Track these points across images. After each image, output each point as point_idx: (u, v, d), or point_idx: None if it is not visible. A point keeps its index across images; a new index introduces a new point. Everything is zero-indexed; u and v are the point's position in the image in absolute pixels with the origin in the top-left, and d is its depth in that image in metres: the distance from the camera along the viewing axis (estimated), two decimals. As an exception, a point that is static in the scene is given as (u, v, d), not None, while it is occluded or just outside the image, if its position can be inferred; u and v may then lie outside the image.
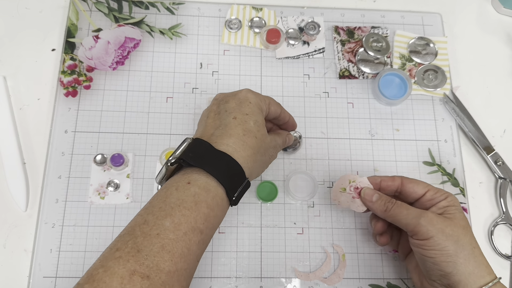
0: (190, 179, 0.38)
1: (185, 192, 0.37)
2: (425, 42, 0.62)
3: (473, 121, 0.58)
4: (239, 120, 0.42)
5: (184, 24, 0.61)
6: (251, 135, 0.42)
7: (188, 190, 0.37)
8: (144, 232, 0.35)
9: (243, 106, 0.43)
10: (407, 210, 0.44)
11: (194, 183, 0.38)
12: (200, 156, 0.39)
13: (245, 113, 0.43)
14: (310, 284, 0.51)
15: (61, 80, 0.56)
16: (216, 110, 0.44)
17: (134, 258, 0.33)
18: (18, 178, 0.52)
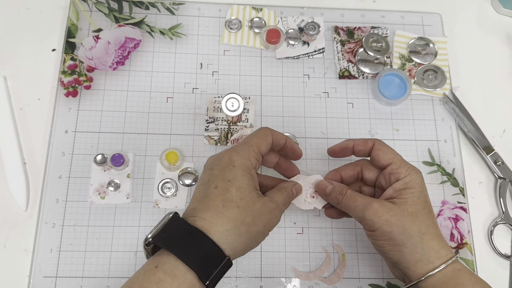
0: (158, 262, 0.35)
1: (150, 278, 0.34)
2: (425, 42, 0.62)
3: (473, 121, 0.58)
4: (220, 189, 0.38)
5: (184, 24, 0.61)
6: (232, 205, 0.38)
7: (154, 275, 0.34)
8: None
9: (226, 172, 0.39)
10: (355, 202, 0.43)
11: (161, 267, 0.35)
12: (171, 236, 0.36)
13: (227, 180, 0.39)
14: (310, 284, 0.51)
15: (62, 80, 0.56)
16: (203, 179, 0.41)
17: None
18: (19, 178, 0.52)
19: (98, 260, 0.50)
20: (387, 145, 0.45)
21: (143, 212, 0.52)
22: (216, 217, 0.37)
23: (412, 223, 0.41)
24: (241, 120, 0.57)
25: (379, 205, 0.41)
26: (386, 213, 0.41)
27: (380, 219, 0.41)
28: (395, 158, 0.44)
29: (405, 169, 0.43)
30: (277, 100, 0.58)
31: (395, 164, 0.44)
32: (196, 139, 0.56)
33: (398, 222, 0.40)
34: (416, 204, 0.42)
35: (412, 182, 0.43)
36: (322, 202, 0.49)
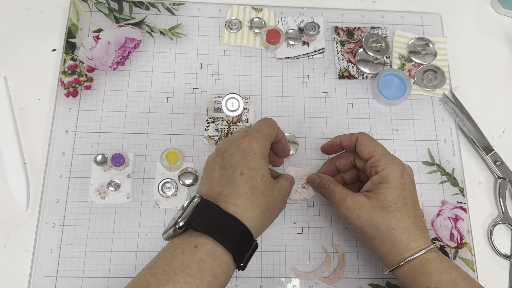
0: (197, 243, 0.37)
1: (191, 257, 0.36)
2: (425, 43, 0.62)
3: (473, 121, 0.58)
4: (246, 177, 0.40)
5: (184, 24, 0.61)
6: (259, 193, 0.40)
7: (194, 255, 0.36)
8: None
9: (249, 159, 0.41)
10: (333, 197, 0.46)
11: (201, 247, 0.37)
12: (208, 221, 0.38)
13: (252, 168, 0.41)
14: (310, 283, 0.51)
15: (62, 80, 0.56)
16: (221, 163, 0.43)
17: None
18: (19, 178, 0.52)
19: (98, 260, 0.50)
20: (370, 138, 0.47)
21: (143, 212, 0.52)
22: (247, 204, 0.39)
23: (382, 219, 0.43)
24: (241, 120, 0.57)
25: (351, 201, 0.44)
26: (358, 209, 0.43)
27: (352, 214, 0.44)
28: (375, 151, 0.45)
29: (383, 163, 0.44)
30: (277, 100, 0.58)
31: (374, 158, 0.45)
32: (196, 139, 0.56)
33: (368, 218, 0.43)
34: (388, 199, 0.43)
35: (388, 176, 0.44)
36: (311, 193, 0.53)
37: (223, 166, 0.42)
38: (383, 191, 0.43)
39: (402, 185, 0.44)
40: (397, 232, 0.42)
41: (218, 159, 0.43)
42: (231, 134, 0.45)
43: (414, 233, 0.42)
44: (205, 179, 0.43)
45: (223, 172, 0.42)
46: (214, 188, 0.41)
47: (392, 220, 0.42)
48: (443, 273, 0.40)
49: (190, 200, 0.40)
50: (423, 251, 0.42)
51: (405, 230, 0.42)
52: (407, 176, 0.44)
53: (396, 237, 0.42)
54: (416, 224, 0.43)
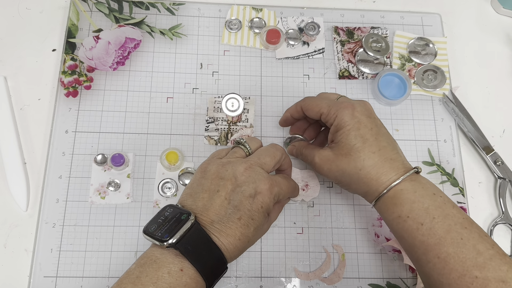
0: (182, 266, 0.38)
1: (177, 280, 0.37)
2: (425, 43, 0.62)
3: (473, 121, 0.58)
4: (242, 223, 0.40)
5: (184, 24, 0.61)
6: (245, 240, 0.41)
7: (180, 278, 0.37)
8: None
9: (254, 209, 0.41)
10: (307, 160, 0.49)
11: (186, 272, 0.37)
12: (197, 252, 0.38)
13: (251, 218, 0.41)
14: (310, 283, 0.51)
15: (62, 80, 0.56)
16: (228, 195, 0.41)
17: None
18: (19, 178, 0.52)
19: (98, 260, 0.50)
20: (311, 99, 0.48)
21: (143, 212, 0.52)
22: (231, 247, 0.40)
23: (348, 164, 0.44)
24: (241, 120, 0.57)
25: (318, 158, 0.46)
26: (326, 163, 0.45)
27: (323, 170, 0.46)
28: (321, 108, 0.46)
29: (332, 112, 0.45)
30: (277, 100, 0.58)
31: (324, 114, 0.46)
32: (196, 139, 0.56)
33: (336, 168, 0.44)
34: (347, 143, 0.44)
35: (340, 123, 0.44)
36: (310, 196, 0.53)
37: (228, 199, 0.41)
38: (341, 138, 0.44)
39: (356, 124, 0.44)
40: (365, 171, 0.43)
41: (229, 187, 0.41)
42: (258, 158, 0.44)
43: (381, 166, 0.43)
44: (205, 193, 0.42)
45: (225, 204, 0.41)
46: (210, 214, 0.40)
47: (356, 161, 0.43)
48: (415, 203, 0.41)
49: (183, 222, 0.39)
50: (394, 183, 0.42)
51: (371, 167, 0.43)
52: (359, 113, 0.44)
53: (366, 176, 0.43)
54: (382, 156, 0.43)
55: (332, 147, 0.45)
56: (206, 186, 0.42)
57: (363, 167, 0.43)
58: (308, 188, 0.53)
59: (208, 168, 0.43)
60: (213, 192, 0.41)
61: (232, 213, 0.40)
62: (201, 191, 0.42)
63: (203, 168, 0.44)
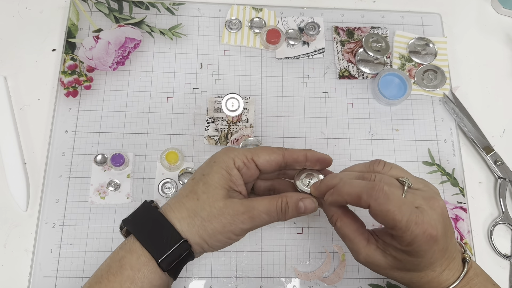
0: (122, 244, 0.39)
1: (114, 257, 0.38)
2: (425, 43, 0.62)
3: (473, 121, 0.58)
4: (193, 182, 0.40)
5: (184, 24, 0.61)
6: (193, 197, 0.38)
7: (117, 254, 0.38)
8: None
9: (206, 166, 0.40)
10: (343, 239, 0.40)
11: (123, 246, 0.38)
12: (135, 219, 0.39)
13: (202, 174, 0.40)
14: (310, 283, 0.51)
15: (62, 80, 0.56)
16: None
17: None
18: (19, 178, 0.52)
19: (98, 260, 0.50)
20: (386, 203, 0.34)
21: (143, 212, 0.52)
22: (177, 205, 0.39)
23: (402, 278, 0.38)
24: (241, 120, 0.57)
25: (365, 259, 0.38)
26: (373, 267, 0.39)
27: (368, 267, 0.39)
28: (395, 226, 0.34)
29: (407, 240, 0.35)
30: (277, 100, 0.58)
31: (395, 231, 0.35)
32: (196, 139, 0.56)
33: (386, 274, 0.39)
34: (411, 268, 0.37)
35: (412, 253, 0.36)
36: None
37: None
38: (405, 261, 0.37)
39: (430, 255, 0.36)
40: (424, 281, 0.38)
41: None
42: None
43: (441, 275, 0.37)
44: None
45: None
46: None
47: (413, 277, 0.38)
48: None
49: None
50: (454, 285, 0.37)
51: (432, 278, 0.37)
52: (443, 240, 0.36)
53: (419, 281, 0.38)
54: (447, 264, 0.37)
55: (387, 255, 0.37)
56: None
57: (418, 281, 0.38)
58: None
59: None
60: None
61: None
62: None
63: None
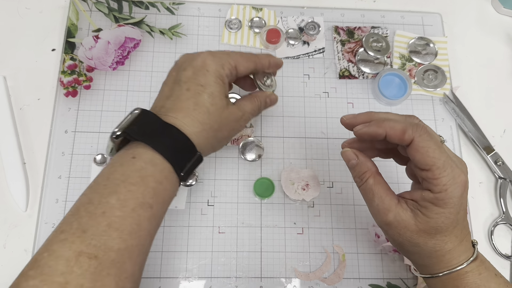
0: (135, 154, 0.36)
1: (130, 167, 0.35)
2: (425, 42, 0.62)
3: (473, 121, 0.58)
4: (192, 92, 0.39)
5: (184, 24, 0.61)
6: (202, 110, 0.39)
7: (133, 165, 0.36)
8: (89, 212, 0.33)
9: (199, 76, 0.40)
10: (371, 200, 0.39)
11: (139, 157, 0.36)
12: (145, 129, 0.37)
13: (200, 84, 0.40)
14: (310, 284, 0.51)
15: (61, 80, 0.56)
16: (174, 77, 0.42)
17: (79, 239, 0.32)
18: (18, 178, 0.52)
19: (98, 260, 0.50)
20: (429, 140, 0.36)
21: (143, 212, 0.52)
22: (188, 119, 0.38)
23: (426, 243, 0.37)
24: (241, 120, 0.57)
25: (394, 218, 0.37)
26: (400, 228, 0.38)
27: (391, 230, 0.38)
28: (434, 164, 0.35)
29: (443, 182, 0.35)
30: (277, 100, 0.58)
31: (432, 173, 0.35)
32: (196, 139, 0.56)
33: (410, 239, 0.38)
34: (440, 226, 0.36)
35: (445, 201, 0.35)
36: (311, 195, 0.53)
37: (174, 81, 0.41)
38: (436, 217, 0.36)
39: (458, 208, 0.36)
40: (440, 253, 0.38)
41: (173, 73, 0.42)
42: None
43: (457, 250, 0.38)
44: (158, 94, 0.43)
45: (172, 86, 0.41)
46: (159, 102, 0.41)
47: (437, 244, 0.37)
48: (481, 286, 0.37)
49: (129, 113, 0.39)
50: (462, 266, 0.38)
51: (448, 251, 0.38)
52: (466, 194, 0.37)
53: (438, 257, 0.38)
54: (461, 239, 0.38)
55: (416, 214, 0.37)
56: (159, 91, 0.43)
57: (441, 249, 0.37)
58: (308, 188, 0.53)
59: None
60: (162, 87, 0.43)
61: (179, 87, 0.40)
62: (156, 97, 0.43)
63: None
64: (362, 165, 0.39)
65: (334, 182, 0.55)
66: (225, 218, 0.52)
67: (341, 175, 0.55)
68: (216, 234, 0.52)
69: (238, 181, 0.54)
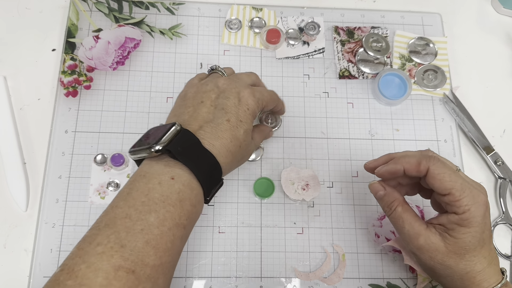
0: (173, 174, 0.37)
1: (169, 189, 0.37)
2: (425, 42, 0.62)
3: (473, 121, 0.58)
4: (232, 125, 0.41)
5: (184, 24, 0.61)
6: (236, 144, 0.42)
7: (172, 186, 0.37)
8: (127, 227, 0.34)
9: (240, 111, 0.42)
10: (401, 227, 0.41)
11: (178, 179, 0.37)
12: (188, 152, 0.38)
13: (240, 120, 0.42)
14: (310, 284, 0.51)
15: (62, 80, 0.56)
16: (214, 102, 0.43)
17: (118, 253, 0.33)
18: (18, 178, 0.52)
19: (98, 260, 0.50)
20: (444, 168, 0.40)
21: (143, 212, 0.52)
22: (224, 149, 0.40)
23: (457, 264, 0.39)
24: (241, 120, 0.57)
25: (425, 242, 0.40)
26: (431, 252, 0.40)
27: (423, 255, 0.40)
28: (453, 188, 0.39)
29: (465, 203, 0.38)
30: (277, 100, 0.58)
31: (453, 196, 0.39)
32: (196, 139, 0.56)
33: (441, 262, 0.40)
34: (468, 246, 0.39)
35: (470, 220, 0.38)
36: (311, 195, 0.53)
37: (214, 105, 0.42)
38: (463, 237, 0.39)
39: (483, 227, 0.39)
40: (471, 275, 0.39)
41: (212, 96, 0.43)
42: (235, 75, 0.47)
43: (487, 272, 0.40)
44: (189, 107, 0.43)
45: (212, 110, 0.42)
46: (197, 121, 0.41)
47: (467, 264, 0.39)
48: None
49: (167, 126, 0.39)
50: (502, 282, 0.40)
51: (479, 272, 0.39)
52: (488, 214, 0.40)
53: (469, 279, 0.40)
54: (489, 260, 0.40)
55: (445, 237, 0.39)
56: (189, 103, 0.43)
57: (472, 271, 0.39)
58: (308, 188, 0.53)
59: (188, 91, 0.45)
60: (197, 104, 0.43)
61: (220, 115, 0.41)
62: (185, 107, 0.43)
63: (182, 94, 0.46)
64: (390, 195, 0.43)
65: (334, 182, 0.55)
66: (225, 218, 0.52)
67: (341, 175, 0.55)
68: (216, 234, 0.52)
69: (238, 181, 0.54)
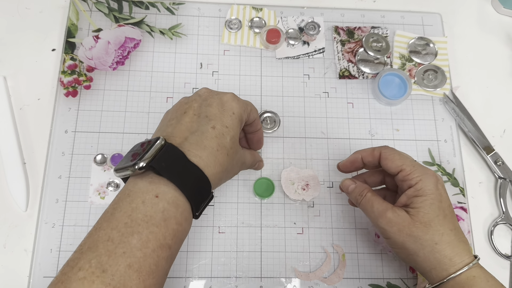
0: (158, 192, 0.36)
1: (153, 208, 0.35)
2: (425, 42, 0.62)
3: (473, 121, 0.58)
4: (217, 132, 0.40)
5: (184, 24, 0.61)
6: (224, 152, 0.40)
7: (157, 205, 0.35)
8: (108, 250, 0.33)
9: (225, 116, 0.41)
10: (371, 208, 0.44)
11: (163, 197, 0.36)
12: (172, 167, 0.37)
13: (225, 125, 0.40)
14: (310, 284, 0.51)
15: (61, 80, 0.56)
16: (196, 110, 0.41)
17: (99, 279, 0.32)
18: (18, 178, 0.52)
19: (98, 260, 0.50)
20: (394, 151, 0.45)
21: (143, 212, 0.52)
22: (211, 159, 0.39)
23: (424, 233, 0.41)
24: (241, 120, 0.57)
25: (393, 215, 0.42)
26: (399, 223, 0.41)
27: (392, 228, 0.42)
28: (403, 164, 0.43)
29: (416, 175, 0.42)
30: (277, 100, 0.58)
31: (405, 171, 0.43)
32: (196, 139, 0.56)
33: (410, 233, 0.41)
34: (429, 212, 0.41)
35: (424, 189, 0.42)
36: (311, 195, 0.53)
37: (197, 114, 0.41)
38: (422, 205, 0.41)
39: (439, 197, 0.42)
40: (441, 247, 0.40)
41: (194, 105, 0.42)
42: None
43: (457, 246, 0.41)
44: (172, 120, 0.41)
45: (195, 119, 0.41)
46: (181, 133, 0.39)
47: (435, 234, 0.41)
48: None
49: (151, 141, 0.38)
50: (467, 267, 0.40)
51: (448, 244, 0.41)
52: (441, 187, 0.43)
53: (440, 252, 0.40)
54: (457, 236, 0.41)
55: (408, 211, 0.42)
56: (172, 115, 0.42)
57: (440, 242, 0.40)
58: (308, 188, 0.53)
59: (173, 106, 0.44)
60: (180, 115, 0.41)
61: (204, 123, 0.40)
62: (168, 120, 0.42)
63: (167, 110, 0.45)
64: (361, 186, 0.46)
65: (334, 182, 0.55)
66: (225, 218, 0.52)
67: (341, 175, 0.55)
68: (216, 234, 0.52)
69: (238, 180, 0.54)
